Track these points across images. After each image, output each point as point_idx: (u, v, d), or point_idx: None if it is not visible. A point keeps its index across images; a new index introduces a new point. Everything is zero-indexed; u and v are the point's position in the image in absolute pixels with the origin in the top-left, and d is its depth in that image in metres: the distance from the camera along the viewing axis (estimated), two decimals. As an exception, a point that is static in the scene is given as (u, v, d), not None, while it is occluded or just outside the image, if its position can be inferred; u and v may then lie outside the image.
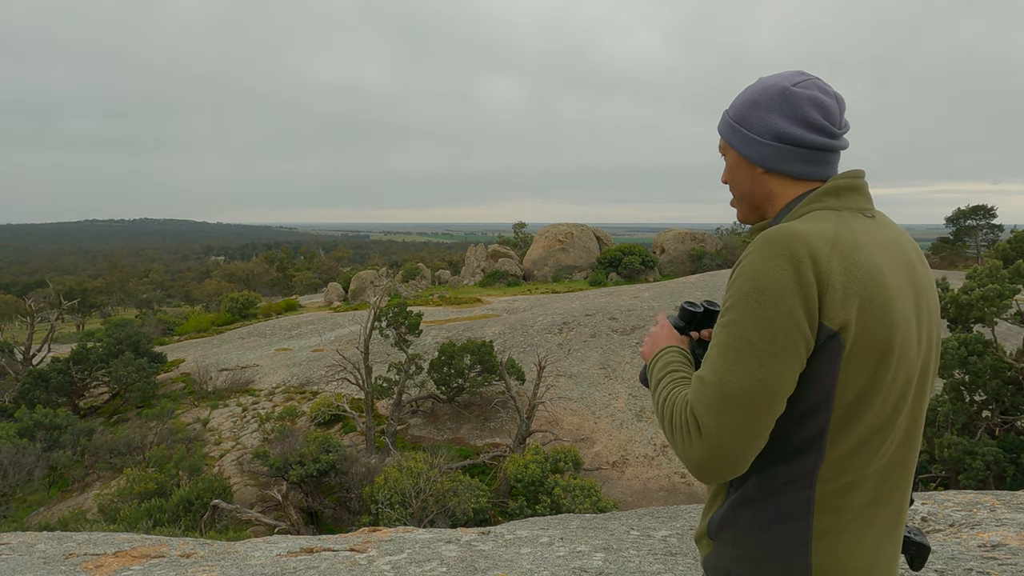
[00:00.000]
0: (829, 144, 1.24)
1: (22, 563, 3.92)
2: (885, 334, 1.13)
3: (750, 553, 1.20)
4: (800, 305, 1.08)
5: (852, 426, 1.15)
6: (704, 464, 1.12)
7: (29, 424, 16.73)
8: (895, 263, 1.19)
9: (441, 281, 41.12)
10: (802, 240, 1.11)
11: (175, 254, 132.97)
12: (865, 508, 1.19)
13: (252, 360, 23.61)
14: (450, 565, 3.54)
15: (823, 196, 1.23)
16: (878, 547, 1.21)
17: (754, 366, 1.08)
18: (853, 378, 1.13)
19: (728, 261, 38.60)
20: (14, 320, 50.49)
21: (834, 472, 1.16)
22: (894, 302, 1.14)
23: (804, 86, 1.24)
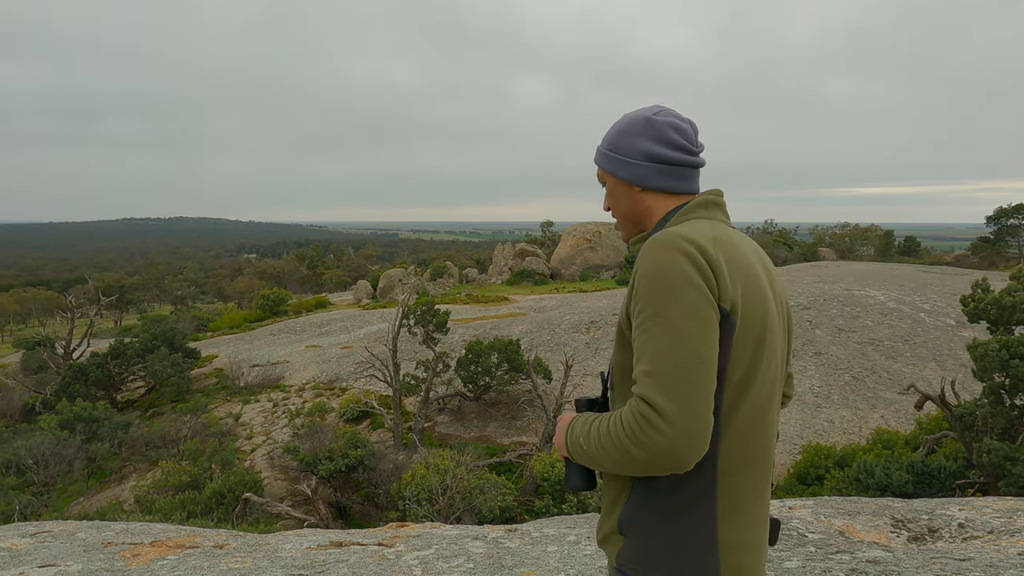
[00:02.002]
0: (690, 161, 1.41)
1: (64, 550, 4.04)
2: (762, 317, 1.27)
3: (664, 538, 1.27)
4: (705, 286, 1.20)
5: (741, 405, 1.26)
6: (677, 447, 1.15)
7: (69, 417, 17.23)
8: (757, 262, 1.35)
9: (468, 279, 41.27)
10: (687, 238, 1.24)
11: (209, 252, 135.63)
12: (753, 487, 1.30)
13: (283, 356, 23.98)
14: (477, 562, 3.56)
15: (696, 208, 1.38)
16: (763, 519, 1.34)
17: (690, 341, 1.17)
18: (740, 357, 1.24)
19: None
20: (55, 315, 52.05)
21: (731, 450, 1.26)
22: (765, 291, 1.30)
23: (663, 115, 1.42)
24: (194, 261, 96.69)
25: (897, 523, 3.95)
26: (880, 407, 15.24)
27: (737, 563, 1.27)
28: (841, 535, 3.75)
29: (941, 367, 16.24)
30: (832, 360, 17.22)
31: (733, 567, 1.27)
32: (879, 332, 18.40)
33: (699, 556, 1.25)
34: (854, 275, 24.89)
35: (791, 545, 3.60)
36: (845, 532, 3.80)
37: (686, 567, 1.26)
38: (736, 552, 1.27)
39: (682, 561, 1.26)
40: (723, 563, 1.26)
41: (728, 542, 1.26)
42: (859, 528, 3.85)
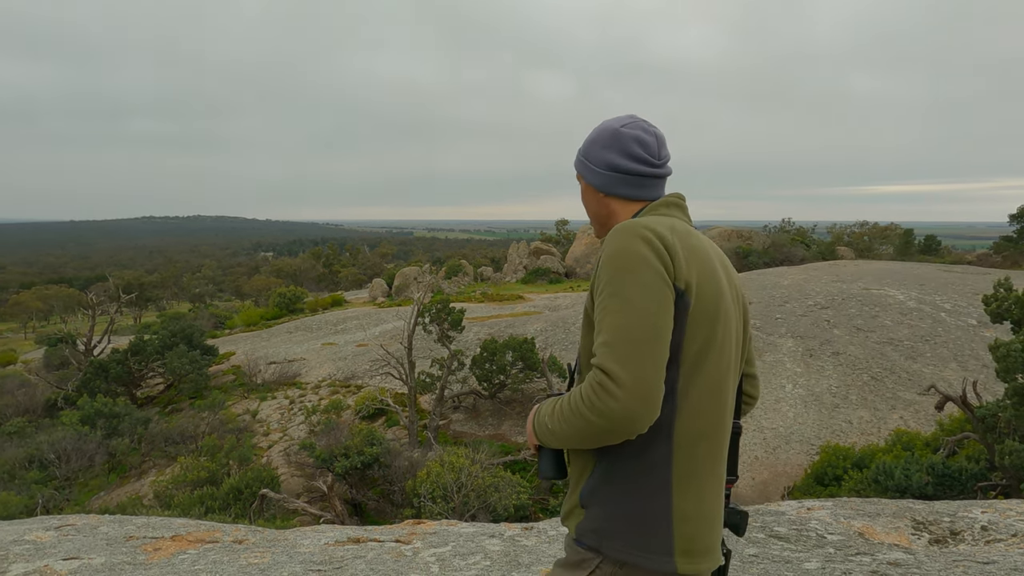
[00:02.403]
0: (650, 172, 1.52)
1: (87, 544, 4.11)
2: (716, 298, 1.36)
3: (622, 508, 1.34)
4: (661, 267, 1.30)
5: (697, 379, 1.34)
6: (631, 409, 1.23)
7: (91, 412, 17.49)
8: (715, 256, 1.45)
9: (483, 278, 41.32)
10: (646, 225, 1.35)
11: (226, 250, 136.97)
12: (709, 459, 1.37)
13: (299, 354, 24.17)
14: (494, 559, 3.57)
15: (656, 207, 1.51)
16: (717, 493, 1.41)
17: (645, 315, 1.26)
18: (695, 333, 1.33)
19: (776, 259, 37.69)
20: (77, 312, 52.85)
21: (687, 421, 1.34)
22: (719, 276, 1.40)
23: (630, 127, 1.53)
24: (212, 259, 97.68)
25: (918, 525, 3.90)
26: (899, 408, 15.06)
27: (690, 532, 1.34)
28: (861, 537, 3.72)
29: (962, 368, 16.01)
30: (850, 360, 17.03)
31: (686, 536, 1.33)
32: (899, 332, 18.17)
33: (654, 525, 1.33)
34: (873, 274, 24.60)
35: (810, 546, 3.57)
36: (865, 534, 3.76)
37: (641, 535, 1.33)
38: (690, 522, 1.34)
39: (637, 529, 1.33)
40: (676, 532, 1.33)
41: (682, 512, 1.33)
42: (879, 530, 3.81)
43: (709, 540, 1.37)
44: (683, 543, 1.33)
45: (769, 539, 3.72)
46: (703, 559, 1.36)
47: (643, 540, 1.33)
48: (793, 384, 16.54)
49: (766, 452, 14.48)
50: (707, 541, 1.37)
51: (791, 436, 14.77)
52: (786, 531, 3.85)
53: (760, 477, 13.90)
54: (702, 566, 1.36)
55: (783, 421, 15.28)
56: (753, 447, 14.69)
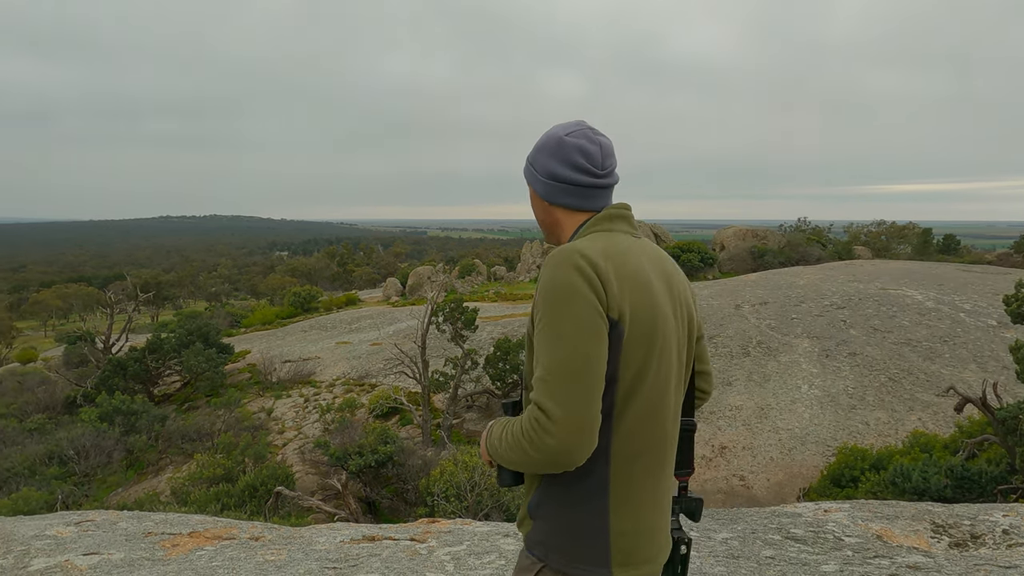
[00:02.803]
0: (592, 183, 1.51)
1: (106, 539, 4.16)
2: (652, 322, 1.38)
3: (563, 523, 1.42)
4: (594, 298, 1.32)
5: (632, 403, 1.38)
6: (565, 446, 1.29)
7: (109, 410, 17.71)
8: (656, 272, 1.46)
9: (497, 277, 41.35)
10: (580, 252, 1.36)
11: (242, 249, 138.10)
12: (649, 475, 1.43)
13: (314, 352, 24.32)
14: (508, 559, 3.57)
15: (598, 221, 1.50)
16: (657, 507, 1.47)
17: (577, 349, 1.29)
18: (631, 359, 1.36)
19: (791, 259, 37.38)
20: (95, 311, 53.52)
21: (623, 444, 1.39)
22: (657, 301, 1.41)
23: (575, 135, 1.51)
24: (228, 258, 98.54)
25: (938, 528, 3.85)
26: (917, 409, 14.89)
27: (627, 546, 1.42)
28: (879, 539, 3.68)
29: (982, 369, 15.79)
30: (867, 361, 16.86)
31: (623, 549, 1.41)
32: (917, 332, 17.96)
33: (592, 540, 1.40)
34: (890, 274, 24.33)
35: (827, 549, 3.54)
36: (883, 536, 3.72)
37: (580, 549, 1.40)
38: (627, 536, 1.42)
39: (577, 544, 1.40)
40: (613, 546, 1.40)
41: (619, 528, 1.41)
42: (898, 533, 3.77)
43: (648, 550, 1.45)
44: (620, 556, 1.41)
45: (785, 541, 3.69)
46: (642, 567, 1.44)
47: (582, 553, 1.40)
48: (809, 385, 16.40)
49: (781, 453, 14.37)
50: (646, 552, 1.44)
51: (807, 437, 14.64)
52: (803, 533, 3.81)
53: (776, 478, 13.80)
54: (641, 571, 1.44)
55: (799, 422, 15.16)
56: (768, 448, 14.59)
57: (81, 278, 73.53)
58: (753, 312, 20.89)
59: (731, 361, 18.03)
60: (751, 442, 14.94)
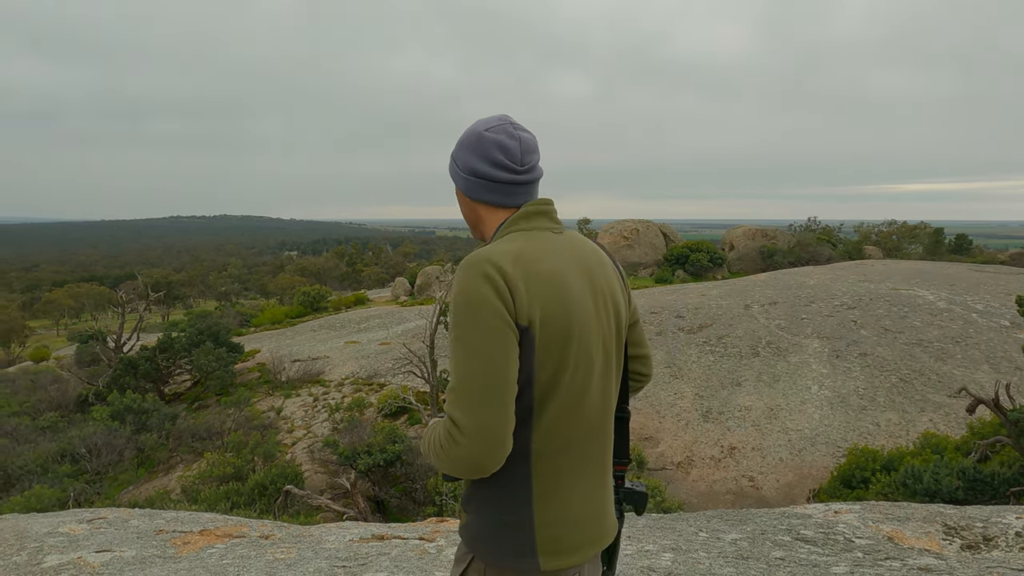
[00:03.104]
0: (511, 179, 1.51)
1: (119, 536, 4.19)
2: (566, 325, 1.40)
3: (490, 517, 1.46)
4: (502, 307, 1.34)
5: (551, 401, 1.41)
6: (474, 457, 1.34)
7: (120, 408, 17.85)
8: (575, 268, 1.47)
9: (505, 277, 41.38)
10: (490, 260, 1.38)
11: (251, 249, 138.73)
12: (573, 468, 1.47)
13: (323, 352, 24.41)
14: (517, 558, 3.58)
15: (517, 220, 1.51)
16: (588, 497, 1.50)
17: (485, 360, 1.32)
18: (546, 361, 1.39)
19: (801, 259, 37.18)
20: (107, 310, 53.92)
21: (544, 441, 1.43)
22: (572, 299, 1.42)
23: (494, 131, 1.51)
24: (237, 258, 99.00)
25: (949, 530, 3.82)
26: (929, 410, 14.78)
27: (554, 535, 1.45)
28: (890, 541, 3.66)
29: (995, 370, 15.65)
30: (878, 361, 16.75)
31: (549, 539, 1.45)
32: (928, 333, 17.83)
33: (517, 533, 1.44)
34: (901, 274, 24.15)
35: (837, 550, 3.52)
36: (894, 538, 3.70)
37: (506, 541, 1.45)
38: (553, 527, 1.46)
39: (503, 536, 1.45)
40: (539, 536, 1.44)
41: (544, 520, 1.45)
42: (909, 534, 3.74)
43: (577, 538, 1.48)
44: (546, 545, 1.45)
45: (795, 542, 3.68)
46: (569, 556, 1.47)
47: (508, 545, 1.45)
48: (819, 385, 16.31)
49: (791, 454, 14.30)
50: (574, 540, 1.48)
51: (817, 438, 14.56)
52: (813, 534, 3.80)
53: (785, 479, 13.74)
54: (569, 561, 1.47)
55: (808, 423, 15.08)
56: (778, 448, 14.52)
57: (93, 277, 74.09)
58: (763, 312, 20.80)
59: (740, 361, 17.96)
60: (760, 443, 14.87)
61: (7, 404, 21.89)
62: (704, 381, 17.52)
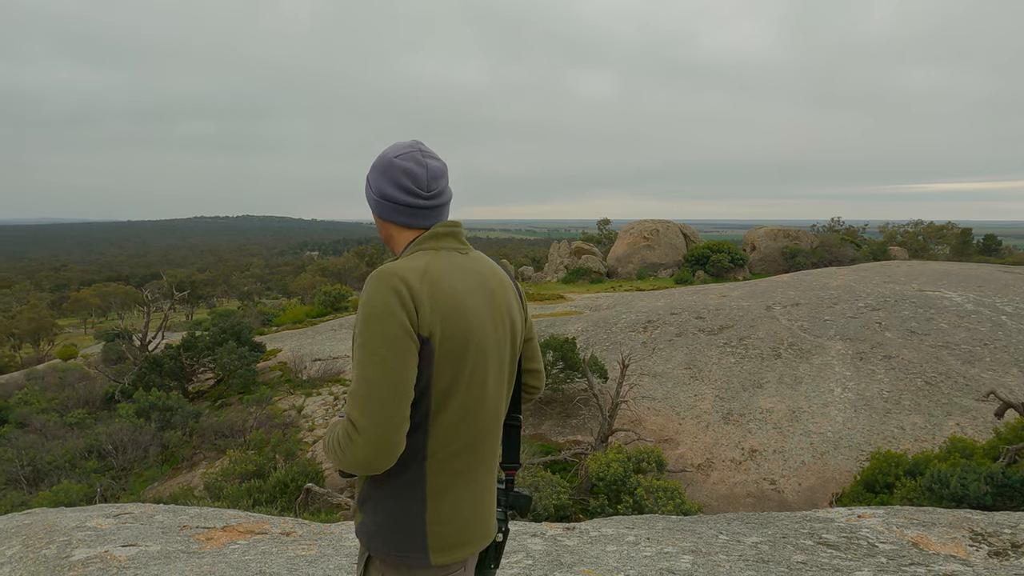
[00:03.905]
0: (417, 203, 1.62)
1: (143, 531, 4.26)
2: (464, 338, 1.50)
3: (384, 516, 1.56)
4: (405, 319, 1.44)
5: (447, 407, 1.51)
6: (368, 456, 1.44)
7: (145, 405, 18.15)
8: (476, 286, 1.58)
9: (524, 277, 41.35)
10: (398, 274, 1.48)
11: (273, 249, 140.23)
12: (465, 471, 1.57)
13: (343, 351, 24.60)
14: (536, 558, 3.58)
15: (425, 240, 1.62)
16: (477, 498, 1.60)
17: (385, 367, 1.41)
18: (443, 371, 1.49)
19: (824, 260, 36.70)
20: (133, 309, 54.88)
21: (439, 445, 1.53)
22: (471, 315, 1.53)
23: (403, 158, 1.62)
24: (260, 258, 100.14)
25: (976, 536, 3.75)
26: (956, 414, 14.51)
27: (444, 532, 1.55)
28: (915, 547, 3.60)
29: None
30: (903, 364, 16.48)
31: (439, 535, 1.55)
32: (955, 335, 17.50)
33: (409, 530, 1.54)
34: (928, 275, 23.73)
35: (860, 555, 3.48)
36: (919, 544, 3.64)
37: (399, 538, 1.54)
38: (444, 525, 1.55)
39: (396, 534, 1.54)
40: (430, 533, 1.54)
41: (436, 518, 1.54)
42: (934, 540, 3.68)
43: (466, 536, 1.59)
44: (436, 541, 1.55)
45: (817, 546, 3.63)
46: (458, 551, 1.58)
47: (402, 541, 1.54)
48: (842, 388, 16.09)
49: (813, 457, 14.13)
50: (463, 537, 1.59)
51: (840, 441, 14.37)
52: (835, 539, 3.75)
53: (807, 483, 13.57)
54: (457, 556, 1.58)
55: (831, 426, 14.88)
56: (800, 452, 14.35)
57: (119, 277, 75.45)
58: (784, 313, 20.57)
59: (762, 363, 17.77)
60: (782, 445, 14.70)
61: (37, 401, 22.38)
62: (725, 383, 17.36)
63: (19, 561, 3.81)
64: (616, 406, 15.10)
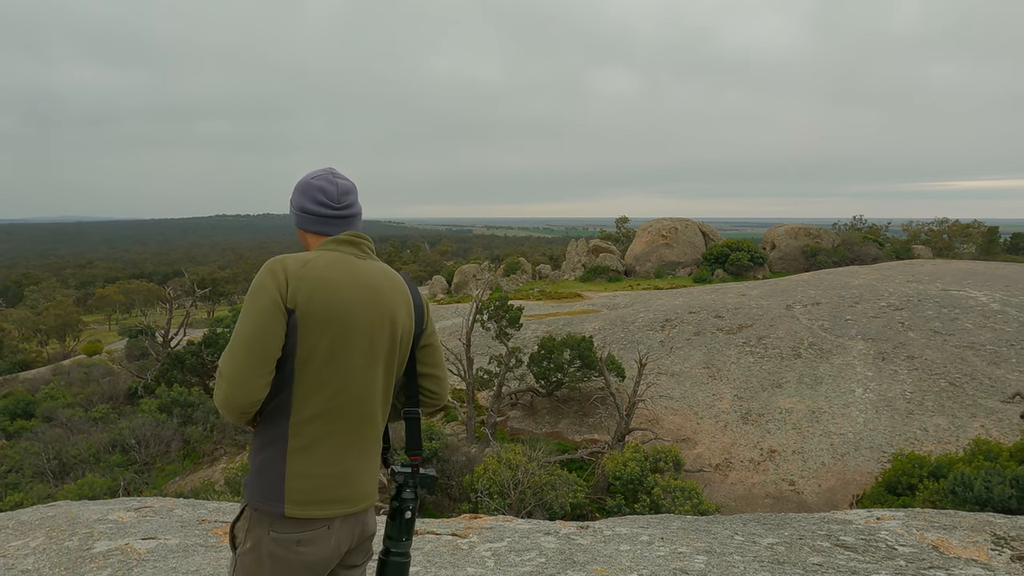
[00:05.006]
0: (329, 213, 1.93)
1: (163, 525, 4.33)
2: (325, 316, 1.75)
3: (256, 465, 1.79)
4: (276, 293, 1.73)
5: (306, 374, 1.76)
6: (230, 399, 1.70)
7: (167, 401, 18.42)
8: (356, 283, 1.83)
9: (542, 275, 41.31)
10: (280, 260, 1.80)
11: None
12: (327, 436, 1.78)
13: (361, 349, 24.76)
14: (549, 556, 3.58)
15: (328, 243, 1.91)
16: (340, 463, 1.80)
17: (251, 330, 1.71)
18: (305, 339, 1.75)
19: (846, 258, 36.22)
20: (156, 306, 55.71)
21: (300, 407, 1.76)
22: (335, 298, 1.77)
23: (318, 179, 1.96)
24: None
25: (999, 540, 3.69)
26: (980, 416, 14.25)
27: (302, 487, 1.75)
28: (935, 550, 3.54)
29: (1052, 375, 15.02)
30: (927, 364, 16.22)
31: (297, 489, 1.75)
32: (980, 336, 17.18)
33: (271, 481, 1.75)
34: (952, 274, 23.32)
35: (879, 557, 3.43)
36: (940, 547, 3.58)
37: (263, 486, 1.76)
38: (302, 479, 1.75)
39: (262, 484, 1.76)
40: (288, 486, 1.74)
41: (294, 472, 1.75)
42: (955, 543, 3.62)
43: (323, 495, 1.77)
44: (293, 495, 1.74)
45: (835, 548, 3.59)
46: (315, 508, 1.76)
47: (264, 490, 1.75)
48: (863, 388, 15.87)
49: (833, 458, 13.96)
50: (322, 495, 1.77)
51: (860, 442, 14.18)
52: (853, 540, 3.70)
53: (827, 484, 13.42)
54: (312, 512, 1.76)
55: (852, 427, 14.69)
56: (820, 452, 14.19)
57: (142, 274, 76.61)
58: (805, 312, 20.33)
59: (781, 363, 17.60)
60: (802, 446, 14.55)
61: (62, 395, 22.82)
62: (743, 382, 17.21)
63: (43, 552, 3.89)
64: (633, 405, 15.04)
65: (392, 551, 1.94)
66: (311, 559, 1.78)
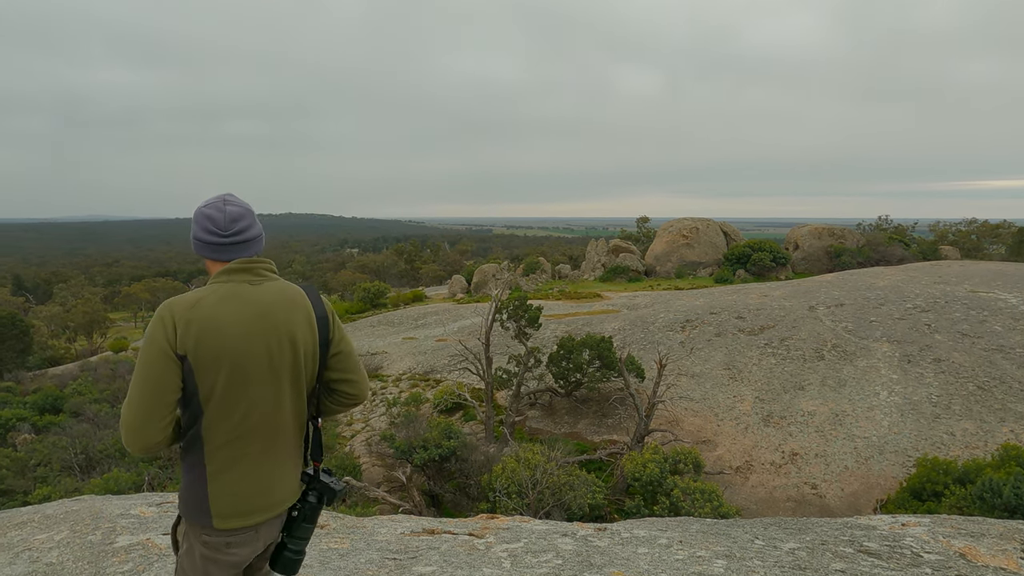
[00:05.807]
0: (218, 241, 2.03)
1: (184, 521, 4.38)
2: (217, 355, 1.91)
3: (184, 487, 2.01)
4: (165, 343, 1.88)
5: (212, 407, 1.93)
6: (126, 439, 1.91)
7: (191, 397, 18.65)
8: (245, 313, 1.97)
9: (561, 275, 41.21)
10: (169, 307, 1.93)
11: (315, 246, 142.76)
12: (242, 458, 1.98)
13: (381, 347, 24.90)
14: (566, 558, 3.55)
15: (220, 274, 2.03)
16: (258, 476, 2.01)
17: (142, 378, 1.88)
18: (203, 380, 1.91)
19: (871, 259, 35.64)
20: (180, 304, 56.29)
21: (211, 436, 1.96)
22: (225, 338, 1.92)
23: (208, 207, 2.06)
24: (301, 255, 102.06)
25: (1029, 549, 3.59)
26: (1010, 420, 13.92)
27: (224, 503, 1.96)
28: (962, 558, 3.46)
29: (1085, 379, 14.63)
30: (954, 367, 15.89)
31: (220, 504, 1.96)
32: (1010, 338, 16.80)
33: (196, 498, 1.98)
34: (981, 275, 22.84)
35: (903, 564, 3.36)
36: (967, 555, 3.50)
37: (192, 503, 1.99)
38: (223, 498, 1.97)
39: (190, 501, 1.99)
40: (212, 503, 1.96)
41: (216, 492, 1.97)
42: (983, 551, 3.53)
43: (245, 507, 1.99)
44: (219, 510, 1.96)
45: (858, 554, 3.52)
46: (239, 519, 1.98)
47: (193, 508, 1.98)
48: (888, 391, 15.60)
49: (857, 462, 13.74)
50: (244, 508, 1.99)
51: (885, 446, 13.94)
52: (877, 547, 3.63)
53: (850, 488, 13.20)
54: (238, 523, 1.98)
55: (876, 430, 14.44)
56: (843, 456, 13.97)
57: (168, 273, 77.80)
58: (828, 314, 20.04)
59: (804, 364, 17.36)
60: (824, 449, 14.33)
61: (89, 391, 23.24)
62: (765, 384, 17.01)
63: (67, 546, 3.95)
64: (653, 406, 14.93)
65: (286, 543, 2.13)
66: (239, 558, 2.03)
